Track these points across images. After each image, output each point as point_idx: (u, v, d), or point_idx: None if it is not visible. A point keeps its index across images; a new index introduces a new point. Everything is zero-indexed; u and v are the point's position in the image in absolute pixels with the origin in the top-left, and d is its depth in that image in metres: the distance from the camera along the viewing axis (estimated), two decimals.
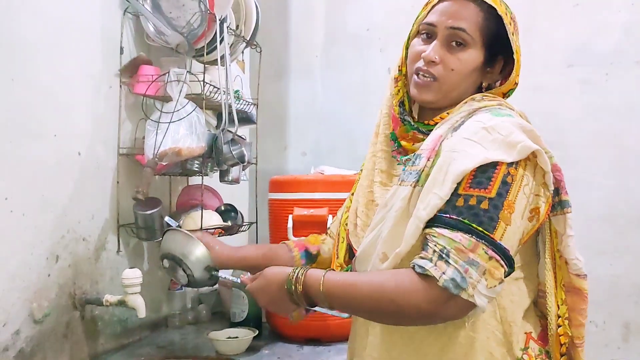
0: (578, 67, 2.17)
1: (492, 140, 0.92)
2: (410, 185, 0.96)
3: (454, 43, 1.03)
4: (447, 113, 1.05)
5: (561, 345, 1.02)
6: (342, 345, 1.76)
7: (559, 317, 1.02)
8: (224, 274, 1.23)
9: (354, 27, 2.49)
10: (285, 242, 1.30)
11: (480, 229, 0.89)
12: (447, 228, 0.90)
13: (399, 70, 1.13)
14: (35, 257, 1.45)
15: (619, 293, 2.11)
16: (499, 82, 1.11)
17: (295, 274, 1.01)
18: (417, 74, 1.05)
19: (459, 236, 0.89)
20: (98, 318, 1.67)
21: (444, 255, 0.89)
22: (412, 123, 1.09)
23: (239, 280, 1.17)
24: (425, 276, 0.90)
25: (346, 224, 1.18)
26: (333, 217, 1.48)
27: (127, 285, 1.53)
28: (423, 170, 0.96)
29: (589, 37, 2.16)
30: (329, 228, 1.34)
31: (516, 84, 1.11)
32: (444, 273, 0.88)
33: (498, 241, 0.90)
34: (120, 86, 1.75)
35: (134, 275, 1.54)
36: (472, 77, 1.06)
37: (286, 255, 1.24)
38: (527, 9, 2.25)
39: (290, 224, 1.78)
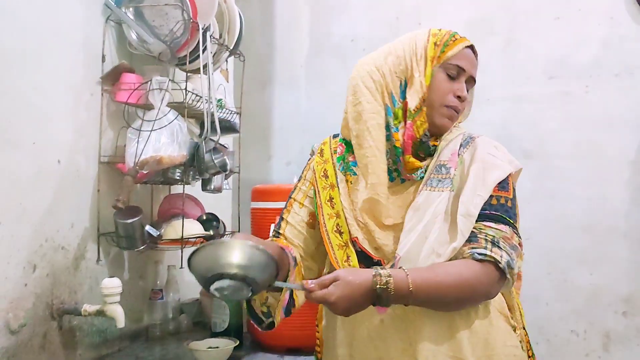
0: (558, 79, 2.21)
1: (503, 156, 1.18)
2: (448, 190, 1.15)
3: (468, 85, 1.23)
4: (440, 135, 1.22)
5: (520, 313, 1.26)
6: None
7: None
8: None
9: (339, 37, 2.50)
10: (276, 242, 1.24)
11: (511, 221, 1.12)
12: (491, 221, 1.10)
13: (423, 99, 1.18)
14: (12, 267, 1.42)
15: (600, 302, 2.13)
16: None
17: (384, 278, 1.02)
18: (449, 107, 1.19)
19: (503, 227, 1.10)
20: (76, 328, 1.64)
21: (495, 243, 1.08)
22: (430, 145, 1.20)
23: (300, 287, 1.05)
24: (485, 262, 1.06)
25: (336, 231, 1.20)
26: None
27: (106, 294, 1.52)
28: (453, 178, 1.16)
29: (569, 49, 2.20)
30: (281, 233, 1.30)
31: None
32: (501, 257, 1.06)
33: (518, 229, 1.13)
34: (102, 94, 1.74)
35: (113, 285, 1.52)
36: None
37: (287, 256, 1.19)
38: (509, 22, 2.28)
39: (272, 233, 1.77)
